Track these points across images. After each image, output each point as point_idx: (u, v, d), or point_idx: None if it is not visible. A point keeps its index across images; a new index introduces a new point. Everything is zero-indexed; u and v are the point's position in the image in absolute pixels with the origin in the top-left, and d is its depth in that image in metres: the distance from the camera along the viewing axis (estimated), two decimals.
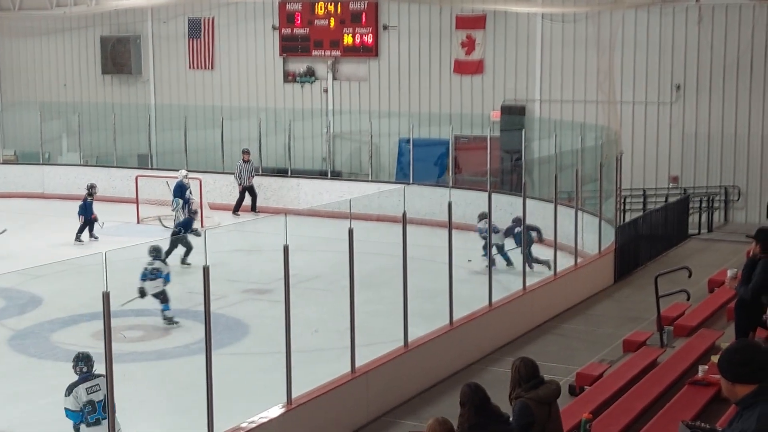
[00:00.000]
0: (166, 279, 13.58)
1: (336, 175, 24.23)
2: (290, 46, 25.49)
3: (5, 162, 27.14)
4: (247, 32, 26.18)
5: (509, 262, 16.42)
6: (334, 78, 25.32)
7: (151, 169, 25.11)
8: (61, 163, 26.85)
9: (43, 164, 26.42)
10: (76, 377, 8.38)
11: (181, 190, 20.56)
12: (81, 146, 27.03)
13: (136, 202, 22.14)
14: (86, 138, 27.14)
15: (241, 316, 13.92)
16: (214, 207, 22.29)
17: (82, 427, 8.27)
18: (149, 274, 13.45)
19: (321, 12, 24.90)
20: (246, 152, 22.82)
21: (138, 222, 21.78)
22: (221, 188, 23.72)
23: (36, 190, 25.46)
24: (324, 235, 18.50)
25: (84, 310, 13.99)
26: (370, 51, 24.64)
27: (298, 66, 25.70)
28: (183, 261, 16.61)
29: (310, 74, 25.58)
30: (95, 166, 26.38)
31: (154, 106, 27.45)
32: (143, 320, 13.56)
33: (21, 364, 11.90)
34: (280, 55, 25.73)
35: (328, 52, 25.00)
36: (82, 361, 8.37)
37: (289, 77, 25.89)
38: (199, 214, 19.46)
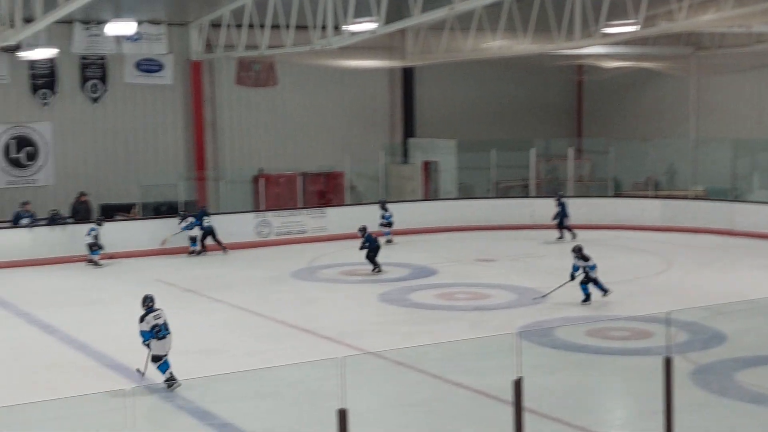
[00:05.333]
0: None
1: None
2: None
3: (696, 198, 27.62)
4: None
5: None
6: None
7: None
8: (750, 201, 26.51)
9: (732, 201, 26.34)
10: (142, 311, 12.51)
11: None
12: None
13: None
14: None
15: None
16: None
17: (153, 342, 12.31)
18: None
19: None
20: None
21: None
22: None
23: (724, 227, 25.45)
24: None
25: None
26: None
27: None
28: None
29: None
30: None
31: None
32: None
33: (701, 398, 11.91)
34: None
35: None
36: (150, 299, 12.61)
37: None
38: None
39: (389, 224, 24.78)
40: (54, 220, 23.65)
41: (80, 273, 21.83)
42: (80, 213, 24.26)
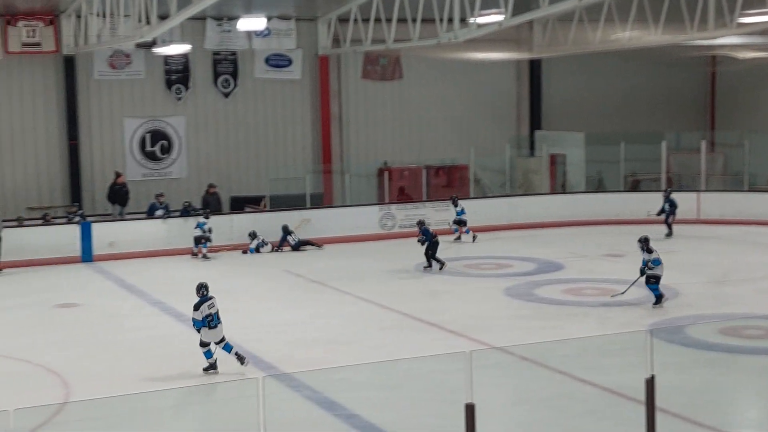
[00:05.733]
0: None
1: None
2: None
3: None
4: None
5: None
6: None
7: None
8: None
9: None
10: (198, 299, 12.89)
11: None
12: None
13: None
14: None
15: None
16: None
17: (204, 330, 12.71)
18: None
19: None
20: None
21: None
22: None
23: None
24: None
25: None
26: None
27: None
28: None
29: None
30: None
31: None
32: None
33: None
34: None
35: None
36: (204, 287, 12.90)
37: None
38: None
39: (461, 222, 24.42)
40: (187, 211, 24.32)
41: (212, 263, 22.40)
42: (211, 205, 24.89)
